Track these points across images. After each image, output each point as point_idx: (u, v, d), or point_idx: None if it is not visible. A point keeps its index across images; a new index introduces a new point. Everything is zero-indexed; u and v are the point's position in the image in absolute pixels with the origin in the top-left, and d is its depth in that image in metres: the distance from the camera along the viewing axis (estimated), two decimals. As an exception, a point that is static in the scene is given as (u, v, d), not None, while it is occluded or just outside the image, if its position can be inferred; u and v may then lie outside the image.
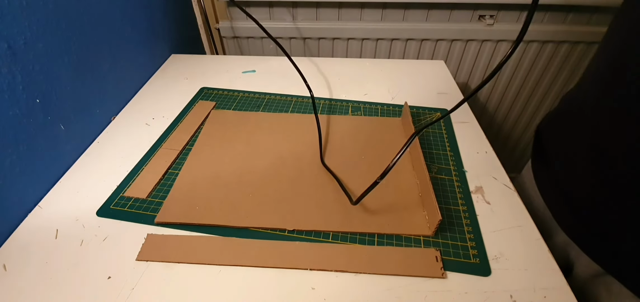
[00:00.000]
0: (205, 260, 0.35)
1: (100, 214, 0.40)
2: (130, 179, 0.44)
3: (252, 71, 0.67)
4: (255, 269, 0.34)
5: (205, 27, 0.86)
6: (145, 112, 0.56)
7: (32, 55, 0.40)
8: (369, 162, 0.46)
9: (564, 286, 0.32)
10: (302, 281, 0.33)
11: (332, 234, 0.37)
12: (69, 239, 0.37)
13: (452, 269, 0.34)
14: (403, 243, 0.36)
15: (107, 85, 0.54)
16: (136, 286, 0.33)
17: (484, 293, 0.32)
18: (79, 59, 0.48)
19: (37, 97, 0.41)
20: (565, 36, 0.83)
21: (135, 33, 0.60)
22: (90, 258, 0.35)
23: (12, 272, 0.34)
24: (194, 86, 0.62)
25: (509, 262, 0.34)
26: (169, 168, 0.45)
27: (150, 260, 0.35)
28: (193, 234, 0.37)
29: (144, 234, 0.37)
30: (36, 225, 0.39)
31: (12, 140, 0.38)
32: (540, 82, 0.93)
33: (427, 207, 0.38)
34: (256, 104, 0.58)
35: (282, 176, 0.44)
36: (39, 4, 0.41)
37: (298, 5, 0.84)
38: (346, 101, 0.58)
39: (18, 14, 0.38)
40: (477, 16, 0.84)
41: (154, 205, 0.40)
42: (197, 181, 0.43)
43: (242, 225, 0.38)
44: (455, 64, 0.92)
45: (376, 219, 0.38)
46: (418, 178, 0.42)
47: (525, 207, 0.40)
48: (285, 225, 0.38)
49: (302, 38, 0.88)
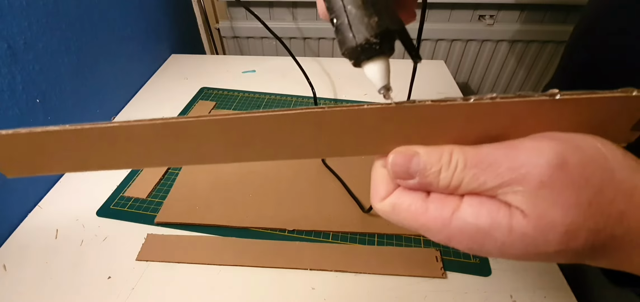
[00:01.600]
0: (205, 260, 0.35)
1: (100, 214, 0.40)
2: (130, 179, 0.44)
3: (252, 71, 0.67)
4: (255, 269, 0.34)
5: (205, 27, 0.86)
6: (145, 112, 0.56)
7: (32, 55, 0.40)
8: (369, 162, 0.46)
9: (564, 286, 0.32)
10: (302, 281, 0.33)
11: (332, 234, 0.37)
12: (69, 239, 0.37)
13: (452, 269, 0.34)
14: (403, 243, 0.36)
15: (107, 85, 0.54)
16: (136, 286, 0.33)
17: (484, 293, 0.32)
18: (79, 59, 0.48)
19: (37, 97, 0.41)
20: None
21: (135, 33, 0.60)
22: (90, 258, 0.35)
23: (12, 272, 0.34)
24: (194, 86, 0.62)
25: (509, 263, 0.34)
26: (169, 168, 0.45)
27: (150, 260, 0.35)
28: (193, 234, 0.37)
29: (144, 234, 0.37)
30: (36, 225, 0.39)
31: (12, 141, 0.38)
32: (541, 80, 0.93)
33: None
34: (256, 104, 0.58)
35: (282, 176, 0.44)
36: (39, 4, 0.41)
37: (298, 5, 0.84)
38: (346, 101, 0.58)
39: (18, 14, 0.38)
40: (477, 16, 0.84)
41: (154, 205, 0.40)
42: (197, 181, 0.43)
43: (242, 225, 0.38)
44: (455, 64, 0.92)
45: (376, 219, 0.38)
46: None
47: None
48: (285, 225, 0.38)
49: (302, 38, 0.88)
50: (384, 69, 0.18)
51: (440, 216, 0.15)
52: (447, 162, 0.15)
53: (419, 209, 0.15)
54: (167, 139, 0.17)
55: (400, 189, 0.16)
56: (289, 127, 0.16)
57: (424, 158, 0.15)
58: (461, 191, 0.15)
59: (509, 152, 0.14)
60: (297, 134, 0.16)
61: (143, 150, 0.17)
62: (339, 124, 0.16)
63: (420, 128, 0.16)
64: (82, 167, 0.18)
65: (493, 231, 0.14)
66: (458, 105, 0.14)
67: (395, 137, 0.16)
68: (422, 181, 0.15)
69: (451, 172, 0.15)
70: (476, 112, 0.15)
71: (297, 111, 0.15)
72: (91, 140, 0.17)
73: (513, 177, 0.14)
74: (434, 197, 0.16)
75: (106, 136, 0.16)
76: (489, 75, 0.93)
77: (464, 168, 0.15)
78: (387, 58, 0.18)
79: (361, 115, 0.15)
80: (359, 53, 0.17)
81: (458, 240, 0.15)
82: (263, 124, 0.16)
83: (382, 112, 0.15)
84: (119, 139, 0.17)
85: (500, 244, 0.14)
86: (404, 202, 0.16)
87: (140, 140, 0.17)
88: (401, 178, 0.16)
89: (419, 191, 0.16)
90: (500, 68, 0.91)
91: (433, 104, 0.14)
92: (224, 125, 0.16)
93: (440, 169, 0.15)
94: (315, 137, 0.16)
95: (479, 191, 0.14)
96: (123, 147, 0.17)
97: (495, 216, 0.14)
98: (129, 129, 0.16)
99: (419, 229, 0.16)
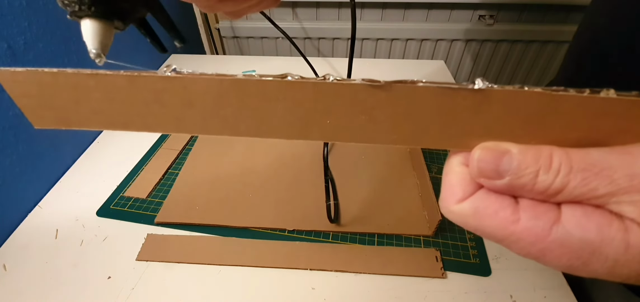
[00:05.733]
0: (205, 260, 0.35)
1: (100, 214, 0.40)
2: (130, 179, 0.44)
3: (252, 71, 0.67)
4: (255, 269, 0.34)
5: (205, 27, 0.86)
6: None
7: (32, 56, 0.40)
8: (369, 162, 0.46)
9: (564, 286, 0.32)
10: (302, 281, 0.33)
11: (332, 234, 0.37)
12: (69, 239, 0.37)
13: (452, 269, 0.34)
14: (403, 243, 0.36)
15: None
16: (136, 286, 0.33)
17: (484, 293, 0.32)
18: (79, 59, 0.48)
19: (37, 97, 0.41)
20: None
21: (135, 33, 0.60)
22: (90, 258, 0.35)
23: (12, 272, 0.34)
24: (194, 86, 0.62)
25: (509, 262, 0.34)
26: (169, 168, 0.45)
27: (150, 260, 0.35)
28: (193, 234, 0.37)
29: (144, 234, 0.37)
30: (36, 225, 0.39)
31: (12, 141, 0.38)
32: (541, 80, 0.93)
33: (427, 207, 0.38)
34: (256, 104, 0.58)
35: (282, 176, 0.44)
36: (39, 4, 0.41)
37: (298, 5, 0.84)
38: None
39: (18, 14, 0.38)
40: (477, 16, 0.84)
41: (154, 205, 0.40)
42: (197, 181, 0.43)
43: (242, 225, 0.38)
44: (455, 64, 0.92)
45: (376, 219, 0.38)
46: (418, 178, 0.42)
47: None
48: (285, 225, 0.38)
49: (302, 38, 0.88)
50: (94, 31, 0.18)
51: (536, 226, 0.13)
52: (547, 163, 0.13)
53: (509, 216, 0.13)
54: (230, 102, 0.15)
55: (483, 190, 0.14)
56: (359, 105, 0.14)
57: (519, 157, 0.13)
58: (561, 197, 0.13)
59: (625, 157, 0.12)
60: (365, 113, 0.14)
61: (199, 115, 0.15)
62: (426, 104, 0.14)
63: (513, 121, 0.13)
64: (123, 126, 0.16)
65: (604, 246, 0.12)
66: (569, 97, 0.12)
67: (481, 131, 0.14)
68: (514, 182, 0.13)
69: (553, 176, 0.13)
70: (586, 109, 0.13)
71: None
72: (144, 95, 0.14)
73: (632, 184, 0.12)
74: (527, 205, 0.13)
75: (165, 90, 0.14)
76: (489, 75, 0.93)
77: (569, 172, 0.13)
78: (103, 23, 0.19)
79: (454, 96, 0.13)
80: (66, 5, 0.18)
81: (556, 255, 0.13)
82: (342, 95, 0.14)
83: (475, 97, 0.13)
84: (175, 95, 0.14)
85: (612, 262, 0.12)
86: (490, 206, 0.14)
87: (200, 101, 0.15)
88: (487, 177, 0.14)
89: (506, 196, 0.14)
90: (501, 68, 0.91)
91: (541, 92, 0.12)
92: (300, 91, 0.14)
93: (538, 170, 0.13)
94: (395, 119, 0.14)
95: (584, 198, 0.13)
96: (178, 109, 0.15)
97: (606, 229, 0.12)
98: (193, 82, 0.14)
99: (505, 239, 0.14)
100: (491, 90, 0.13)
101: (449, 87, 0.13)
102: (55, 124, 0.16)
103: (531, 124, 0.13)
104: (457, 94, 0.13)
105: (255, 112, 0.15)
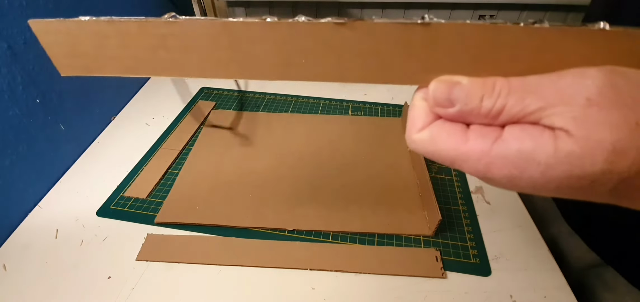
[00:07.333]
0: (205, 260, 0.35)
1: (100, 214, 0.40)
2: (130, 179, 0.44)
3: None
4: (255, 269, 0.34)
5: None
6: (145, 112, 0.56)
7: (32, 55, 0.40)
8: (369, 162, 0.46)
9: (564, 285, 0.32)
10: (302, 281, 0.33)
11: (332, 234, 0.37)
12: (69, 239, 0.37)
13: (452, 269, 0.34)
14: (403, 243, 0.36)
15: (107, 85, 0.54)
16: (136, 286, 0.33)
17: (484, 293, 0.32)
18: (79, 59, 0.48)
19: (37, 97, 0.41)
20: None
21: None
22: (90, 258, 0.35)
23: (12, 272, 0.34)
24: (194, 86, 0.62)
25: (509, 262, 0.34)
26: (169, 168, 0.45)
27: (150, 260, 0.35)
28: (193, 234, 0.37)
29: (144, 234, 0.37)
30: (36, 225, 0.39)
31: (12, 140, 0.38)
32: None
33: (427, 207, 0.38)
34: (256, 104, 0.58)
35: (282, 176, 0.44)
36: (39, 3, 0.41)
37: (298, 5, 0.84)
38: (346, 101, 0.58)
39: (18, 14, 0.38)
40: (477, 16, 0.84)
41: (154, 205, 0.40)
42: (197, 181, 0.43)
43: (242, 225, 0.38)
44: (455, 64, 0.92)
45: (376, 219, 0.38)
46: (418, 178, 0.42)
47: (525, 207, 0.40)
48: (285, 225, 0.38)
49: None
50: None
51: (481, 144, 0.15)
52: (491, 89, 0.15)
53: (459, 138, 0.15)
54: None
55: (440, 120, 0.16)
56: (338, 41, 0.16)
57: (468, 86, 0.15)
58: (503, 117, 0.15)
59: (555, 77, 0.14)
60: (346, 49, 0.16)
61: (196, 58, 0.17)
62: (387, 40, 0.16)
63: (464, 57, 0.16)
64: (135, 71, 0.18)
65: (536, 153, 0.14)
66: (509, 28, 0.14)
67: (438, 66, 0.16)
68: (463, 108, 0.15)
69: (494, 99, 0.15)
70: (527, 41, 0.15)
71: None
72: (151, 40, 0.17)
73: (559, 98, 0.14)
74: (475, 128, 0.16)
75: (173, 34, 0.17)
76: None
77: (507, 94, 0.15)
78: None
79: (407, 31, 0.15)
80: None
81: (498, 168, 0.15)
82: (309, 35, 0.17)
83: (426, 31, 0.15)
84: (177, 40, 0.17)
85: (544, 166, 0.14)
86: (443, 130, 0.16)
87: (196, 45, 0.17)
88: (441, 106, 0.16)
89: (458, 122, 0.16)
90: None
91: (483, 24, 0.14)
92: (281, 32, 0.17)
93: (482, 96, 0.15)
94: (362, 57, 0.16)
95: (521, 115, 0.14)
96: (179, 54, 0.17)
97: (538, 138, 0.14)
98: (190, 24, 0.17)
99: (457, 158, 0.16)
100: (439, 24, 0.15)
101: (402, 22, 0.15)
102: (79, 70, 0.18)
103: (480, 58, 0.15)
104: (409, 28, 0.15)
105: (244, 54, 0.17)
